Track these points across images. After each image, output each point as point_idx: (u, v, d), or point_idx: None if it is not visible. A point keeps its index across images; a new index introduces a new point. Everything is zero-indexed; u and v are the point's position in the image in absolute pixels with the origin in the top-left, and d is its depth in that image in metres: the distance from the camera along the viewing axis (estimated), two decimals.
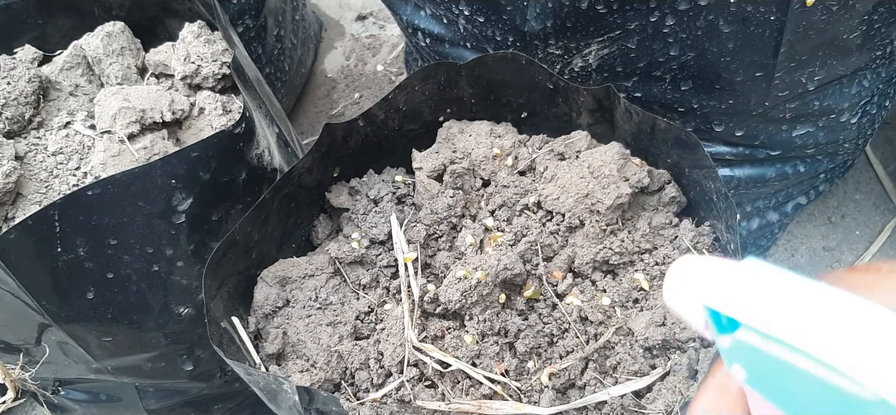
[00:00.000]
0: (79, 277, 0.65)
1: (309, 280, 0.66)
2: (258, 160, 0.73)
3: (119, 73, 0.79)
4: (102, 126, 0.73)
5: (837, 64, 0.68)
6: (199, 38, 0.78)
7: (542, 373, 0.59)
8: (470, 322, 0.60)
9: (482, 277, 0.59)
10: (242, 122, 0.69)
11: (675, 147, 0.64)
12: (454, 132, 0.72)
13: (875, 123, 0.80)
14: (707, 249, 0.63)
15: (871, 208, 1.12)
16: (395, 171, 0.73)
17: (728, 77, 0.69)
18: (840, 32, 0.64)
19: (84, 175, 0.73)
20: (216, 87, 0.79)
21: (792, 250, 1.09)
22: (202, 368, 0.79)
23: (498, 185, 0.69)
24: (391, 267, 0.67)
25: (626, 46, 0.70)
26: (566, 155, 0.68)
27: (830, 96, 0.73)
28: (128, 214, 0.64)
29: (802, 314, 0.21)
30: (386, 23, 1.50)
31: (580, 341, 0.60)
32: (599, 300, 0.62)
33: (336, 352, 0.61)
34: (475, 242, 0.66)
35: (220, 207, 0.70)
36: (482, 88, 0.72)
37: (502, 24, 0.74)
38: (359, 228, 0.68)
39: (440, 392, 0.58)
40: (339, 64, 1.45)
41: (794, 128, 0.76)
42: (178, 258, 0.69)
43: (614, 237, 0.64)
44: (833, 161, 0.84)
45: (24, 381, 0.72)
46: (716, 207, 0.62)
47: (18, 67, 0.77)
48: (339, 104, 1.38)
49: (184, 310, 0.72)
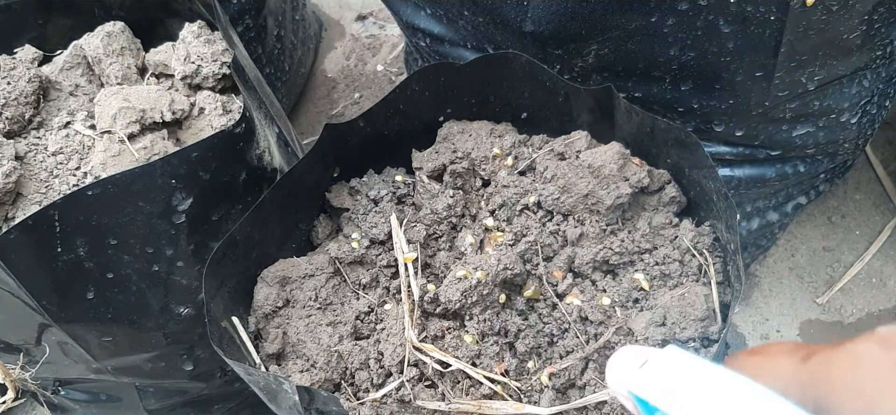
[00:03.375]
0: (79, 277, 0.65)
1: (309, 280, 0.66)
2: (258, 160, 0.73)
3: (119, 73, 0.79)
4: (102, 126, 0.73)
5: (837, 64, 0.68)
6: (199, 38, 0.78)
7: (542, 373, 0.59)
8: (470, 322, 0.60)
9: (482, 277, 0.59)
10: (242, 122, 0.69)
11: (675, 147, 0.64)
12: (454, 132, 0.72)
13: (875, 123, 0.80)
14: (707, 249, 0.63)
15: (871, 208, 1.12)
16: (395, 171, 0.73)
17: (728, 77, 0.69)
18: (840, 32, 0.64)
19: (84, 175, 0.73)
20: (216, 87, 0.79)
21: (792, 250, 1.09)
22: (202, 368, 0.79)
23: (498, 185, 0.69)
24: (391, 267, 0.67)
25: (626, 46, 0.70)
26: (566, 155, 0.68)
27: (830, 96, 0.73)
28: (128, 214, 0.64)
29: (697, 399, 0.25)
30: (386, 23, 1.50)
31: (580, 341, 0.60)
32: (599, 300, 0.62)
33: (336, 352, 0.61)
34: (475, 242, 0.66)
35: (220, 207, 0.70)
36: (482, 88, 0.72)
37: (502, 25, 0.74)
38: (359, 228, 0.68)
39: (440, 392, 0.58)
40: (339, 64, 1.45)
41: (794, 128, 0.76)
42: (178, 258, 0.69)
43: (614, 237, 0.64)
44: (833, 161, 0.84)
45: (24, 381, 0.72)
46: (716, 207, 0.62)
47: (18, 67, 0.77)
48: (339, 104, 1.38)
49: (184, 310, 0.72)
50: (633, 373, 0.28)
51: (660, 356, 0.27)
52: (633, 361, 0.29)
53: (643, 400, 0.27)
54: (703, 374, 0.25)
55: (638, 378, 0.27)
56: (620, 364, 0.30)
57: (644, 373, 0.27)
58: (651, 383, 0.27)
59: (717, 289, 0.60)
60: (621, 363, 0.30)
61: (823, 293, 1.05)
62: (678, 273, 0.62)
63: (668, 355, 0.27)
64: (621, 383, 0.28)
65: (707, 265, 0.62)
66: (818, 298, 1.05)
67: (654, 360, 0.28)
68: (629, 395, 0.28)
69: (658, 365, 0.27)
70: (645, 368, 0.28)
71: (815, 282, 1.06)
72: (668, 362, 0.27)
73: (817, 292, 1.06)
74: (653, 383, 0.27)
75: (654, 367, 0.27)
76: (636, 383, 0.27)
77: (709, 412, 0.24)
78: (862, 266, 1.07)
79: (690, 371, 0.26)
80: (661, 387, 0.26)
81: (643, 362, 0.28)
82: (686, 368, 0.26)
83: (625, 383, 0.28)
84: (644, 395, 0.27)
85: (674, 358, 0.27)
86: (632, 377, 0.28)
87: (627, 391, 0.28)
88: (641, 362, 0.28)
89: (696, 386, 0.25)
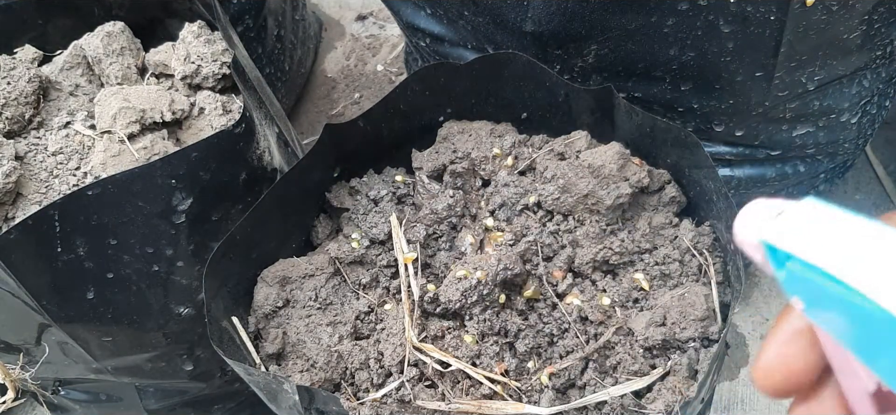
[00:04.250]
0: (79, 277, 0.65)
1: (309, 280, 0.66)
2: (258, 160, 0.73)
3: (119, 73, 0.79)
4: (102, 126, 0.73)
5: (837, 64, 0.68)
6: (199, 38, 0.78)
7: (542, 373, 0.59)
8: (470, 322, 0.60)
9: (482, 277, 0.59)
10: (242, 122, 0.69)
11: (675, 147, 0.64)
12: (454, 132, 0.72)
13: (875, 123, 0.80)
14: (707, 249, 0.63)
15: (871, 208, 1.12)
16: (395, 171, 0.73)
17: (728, 77, 0.69)
18: (840, 32, 0.64)
19: (84, 175, 0.73)
20: (216, 87, 0.79)
21: None
22: (202, 368, 0.79)
23: (498, 185, 0.69)
24: (391, 267, 0.67)
25: (626, 46, 0.70)
26: (566, 155, 0.68)
27: (830, 96, 0.73)
28: (128, 214, 0.64)
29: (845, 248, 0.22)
30: (386, 23, 1.50)
31: (580, 340, 0.60)
32: (599, 300, 0.62)
33: (336, 352, 0.61)
34: (475, 242, 0.66)
35: (220, 207, 0.70)
36: (482, 88, 0.72)
37: (502, 25, 0.74)
38: (359, 228, 0.68)
39: (440, 392, 0.58)
40: (339, 64, 1.45)
41: (794, 128, 0.76)
42: (178, 258, 0.69)
43: (614, 237, 0.64)
44: (833, 161, 0.84)
45: (24, 381, 0.72)
46: (716, 207, 0.62)
47: (18, 67, 0.77)
48: (339, 104, 1.38)
49: (184, 310, 0.72)
50: (768, 222, 0.26)
51: (798, 206, 0.25)
52: (767, 211, 0.26)
53: (776, 250, 0.25)
54: (848, 220, 0.23)
55: (774, 226, 0.25)
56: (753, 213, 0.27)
57: (781, 220, 0.25)
58: (790, 228, 0.24)
59: (717, 289, 0.60)
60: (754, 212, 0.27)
61: None
62: (678, 273, 0.62)
63: (807, 205, 0.25)
64: (754, 230, 0.26)
65: (707, 265, 0.62)
66: None
67: (791, 209, 0.25)
68: (760, 244, 0.25)
69: (797, 213, 0.25)
70: (782, 216, 0.25)
71: None
72: (808, 210, 0.24)
73: None
74: (792, 228, 0.24)
75: (793, 215, 0.25)
76: (773, 231, 0.25)
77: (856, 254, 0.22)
78: None
79: (833, 217, 0.23)
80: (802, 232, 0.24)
81: (779, 212, 0.26)
82: (828, 214, 0.24)
83: (759, 231, 0.25)
84: (781, 242, 0.24)
85: (813, 207, 0.24)
86: (768, 225, 0.25)
87: (759, 240, 0.25)
88: (777, 213, 0.26)
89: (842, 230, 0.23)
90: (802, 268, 0.23)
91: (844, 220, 0.23)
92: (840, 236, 0.23)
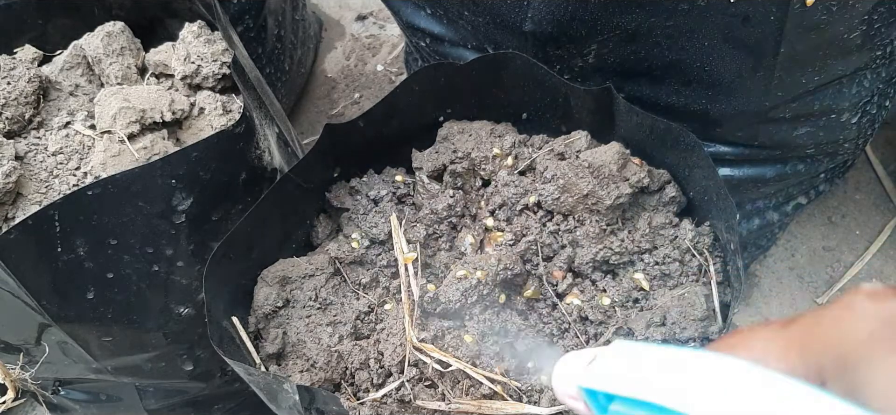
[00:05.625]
0: (79, 277, 0.65)
1: (309, 280, 0.66)
2: (258, 160, 0.73)
3: (119, 73, 0.79)
4: (102, 126, 0.73)
5: (837, 64, 0.68)
6: (199, 38, 0.78)
7: (542, 373, 0.59)
8: (470, 322, 0.60)
9: (482, 276, 0.59)
10: (242, 122, 0.69)
11: (675, 147, 0.64)
12: (454, 132, 0.72)
13: (875, 123, 0.80)
14: (707, 249, 0.63)
15: (871, 208, 1.12)
16: (395, 171, 0.73)
17: (728, 77, 0.69)
18: (840, 32, 0.64)
19: (84, 175, 0.73)
20: (216, 87, 0.79)
21: (792, 250, 1.09)
22: (202, 368, 0.79)
23: (498, 185, 0.69)
24: (391, 267, 0.67)
25: (626, 47, 0.70)
26: (566, 155, 0.68)
27: (830, 96, 0.73)
28: (128, 214, 0.64)
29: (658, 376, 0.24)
30: (386, 23, 1.50)
31: (580, 341, 0.60)
32: (599, 300, 0.62)
33: (336, 352, 0.61)
34: (475, 241, 0.66)
35: (220, 207, 0.70)
36: (482, 88, 0.72)
37: (502, 25, 0.74)
38: (359, 228, 0.68)
39: (440, 392, 0.58)
40: (339, 64, 1.45)
41: (794, 128, 0.76)
42: (178, 258, 0.69)
43: (614, 237, 0.64)
44: (833, 161, 0.84)
45: (24, 381, 0.72)
46: (716, 207, 0.62)
47: (18, 67, 0.77)
48: (339, 104, 1.38)
49: (184, 310, 0.72)
50: (583, 370, 0.27)
51: (608, 349, 0.27)
52: (581, 361, 0.29)
53: (595, 393, 0.26)
54: (658, 354, 0.25)
55: (590, 371, 0.27)
56: (568, 365, 0.30)
57: (595, 366, 0.27)
58: (605, 371, 0.26)
59: (717, 289, 0.60)
60: (569, 364, 0.30)
61: (823, 293, 1.05)
62: (678, 273, 0.62)
63: (617, 346, 0.27)
64: (571, 379, 0.28)
65: (707, 265, 0.62)
66: (818, 298, 1.05)
67: (603, 354, 0.27)
68: (580, 392, 0.27)
69: (609, 356, 0.27)
70: (595, 362, 0.27)
71: (815, 282, 1.06)
72: (619, 351, 0.26)
73: (817, 292, 1.06)
74: (607, 370, 0.26)
75: (605, 358, 0.27)
76: (590, 377, 0.27)
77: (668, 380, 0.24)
78: (862, 266, 1.07)
79: (644, 354, 0.25)
80: (615, 372, 0.26)
81: (591, 359, 0.28)
82: (639, 352, 0.26)
83: (576, 379, 0.27)
84: (598, 384, 0.26)
85: (623, 347, 0.26)
86: (582, 372, 0.27)
87: (578, 387, 0.27)
88: (590, 360, 0.28)
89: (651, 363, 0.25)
90: (625, 404, 0.25)
91: (652, 353, 0.25)
92: (651, 368, 0.25)
